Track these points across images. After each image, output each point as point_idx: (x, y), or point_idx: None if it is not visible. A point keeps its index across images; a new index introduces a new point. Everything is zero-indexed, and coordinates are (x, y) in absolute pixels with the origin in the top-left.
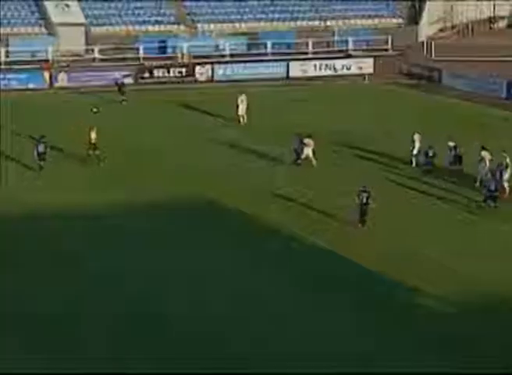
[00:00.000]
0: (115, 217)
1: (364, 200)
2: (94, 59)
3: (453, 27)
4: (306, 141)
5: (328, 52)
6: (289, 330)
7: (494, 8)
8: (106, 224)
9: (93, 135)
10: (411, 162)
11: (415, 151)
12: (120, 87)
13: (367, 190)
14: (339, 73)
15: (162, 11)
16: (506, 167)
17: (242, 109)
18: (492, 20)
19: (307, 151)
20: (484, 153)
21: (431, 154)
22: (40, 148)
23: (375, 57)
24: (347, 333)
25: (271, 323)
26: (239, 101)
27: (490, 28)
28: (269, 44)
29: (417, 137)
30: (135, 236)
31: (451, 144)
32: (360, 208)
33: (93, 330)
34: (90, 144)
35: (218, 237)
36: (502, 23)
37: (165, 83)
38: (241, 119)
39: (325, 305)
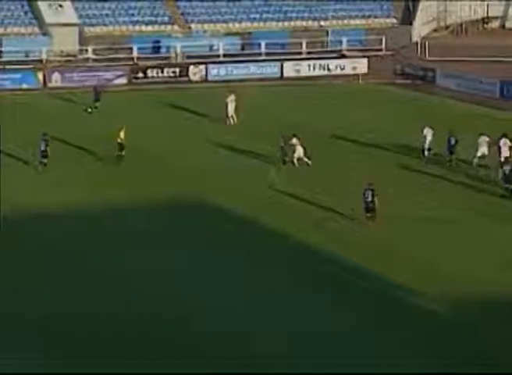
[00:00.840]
0: (112, 218)
1: (370, 197)
2: (87, 59)
3: (446, 27)
4: (294, 141)
5: (322, 52)
6: (288, 330)
7: (487, 9)
8: (105, 224)
9: (121, 135)
10: (423, 156)
11: (426, 146)
12: (98, 92)
13: (372, 187)
14: (333, 73)
15: (156, 11)
16: None
17: (231, 109)
18: (485, 20)
19: (300, 149)
20: (503, 140)
21: (453, 142)
22: (42, 146)
23: (369, 57)
24: (347, 333)
25: (270, 324)
26: (228, 101)
27: (484, 28)
28: (263, 45)
29: (427, 131)
30: (132, 236)
31: (487, 139)
32: (366, 206)
33: (91, 329)
34: (118, 145)
35: (213, 237)
36: (495, 23)
37: (158, 83)
38: (231, 120)
39: (323, 304)
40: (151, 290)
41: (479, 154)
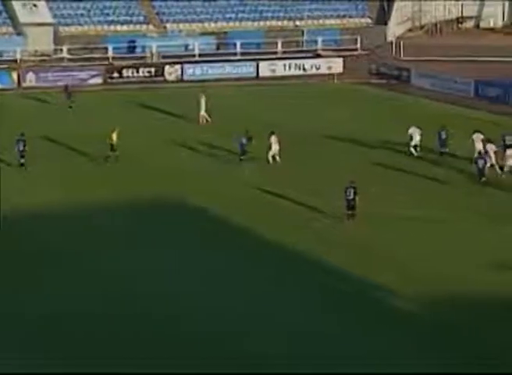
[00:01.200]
0: (93, 218)
1: (351, 195)
2: (62, 59)
3: (421, 27)
4: (272, 137)
5: (298, 52)
6: (276, 330)
7: (462, 9)
8: (90, 225)
9: (114, 136)
10: (411, 154)
11: (413, 143)
12: (68, 90)
13: (354, 185)
14: (309, 72)
15: (131, 11)
16: None
17: (202, 109)
18: (459, 20)
19: (276, 147)
20: (489, 146)
21: (444, 136)
22: (20, 146)
23: (344, 57)
24: (334, 335)
25: (258, 324)
26: (200, 101)
27: (458, 28)
28: (238, 44)
29: (413, 130)
30: (116, 236)
31: (481, 136)
32: (348, 204)
33: (89, 329)
34: (110, 146)
35: (197, 237)
36: (469, 23)
37: (134, 83)
38: (202, 119)
39: (305, 305)
40: (138, 289)
41: (477, 151)
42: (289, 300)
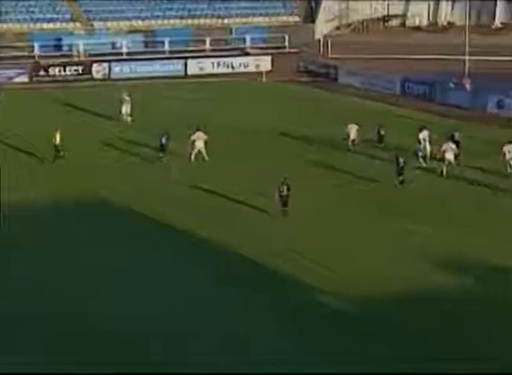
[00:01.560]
0: (27, 217)
1: (285, 191)
2: None
3: (348, 25)
4: (197, 134)
5: (226, 50)
6: (206, 328)
7: (388, 7)
8: (24, 224)
9: (57, 137)
10: (349, 150)
11: (351, 138)
12: None
13: (287, 182)
14: (237, 70)
15: (58, 8)
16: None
17: (126, 108)
18: (386, 19)
19: (200, 145)
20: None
21: (383, 132)
22: None
23: (272, 55)
24: (265, 333)
25: (189, 323)
26: (122, 99)
27: (384, 26)
28: (167, 42)
29: (351, 127)
30: (38, 235)
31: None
32: (281, 200)
33: (20, 330)
34: (54, 147)
35: (120, 237)
36: (395, 22)
37: (61, 81)
38: (127, 118)
39: (233, 304)
40: (71, 289)
41: (422, 147)
42: (225, 299)
